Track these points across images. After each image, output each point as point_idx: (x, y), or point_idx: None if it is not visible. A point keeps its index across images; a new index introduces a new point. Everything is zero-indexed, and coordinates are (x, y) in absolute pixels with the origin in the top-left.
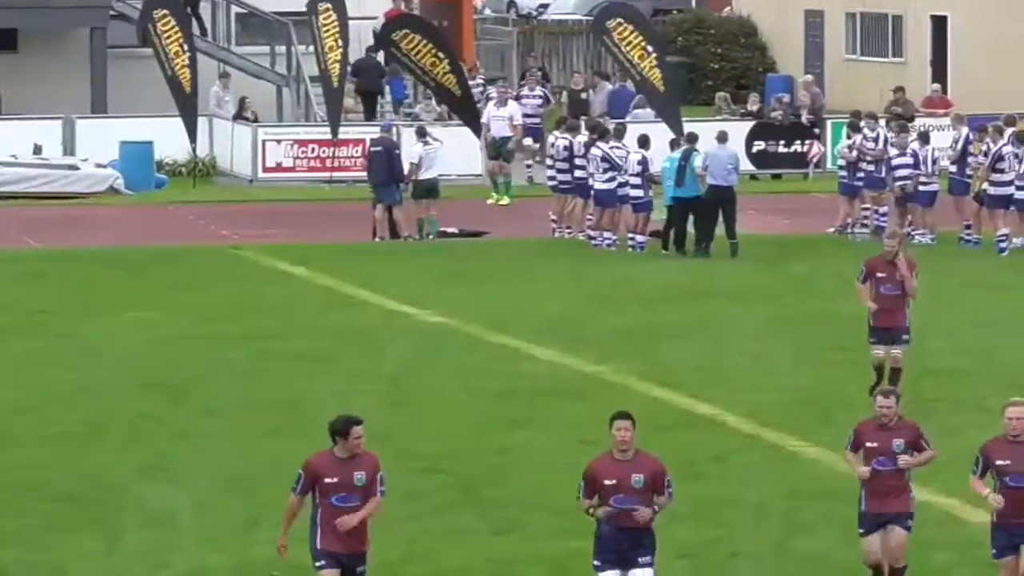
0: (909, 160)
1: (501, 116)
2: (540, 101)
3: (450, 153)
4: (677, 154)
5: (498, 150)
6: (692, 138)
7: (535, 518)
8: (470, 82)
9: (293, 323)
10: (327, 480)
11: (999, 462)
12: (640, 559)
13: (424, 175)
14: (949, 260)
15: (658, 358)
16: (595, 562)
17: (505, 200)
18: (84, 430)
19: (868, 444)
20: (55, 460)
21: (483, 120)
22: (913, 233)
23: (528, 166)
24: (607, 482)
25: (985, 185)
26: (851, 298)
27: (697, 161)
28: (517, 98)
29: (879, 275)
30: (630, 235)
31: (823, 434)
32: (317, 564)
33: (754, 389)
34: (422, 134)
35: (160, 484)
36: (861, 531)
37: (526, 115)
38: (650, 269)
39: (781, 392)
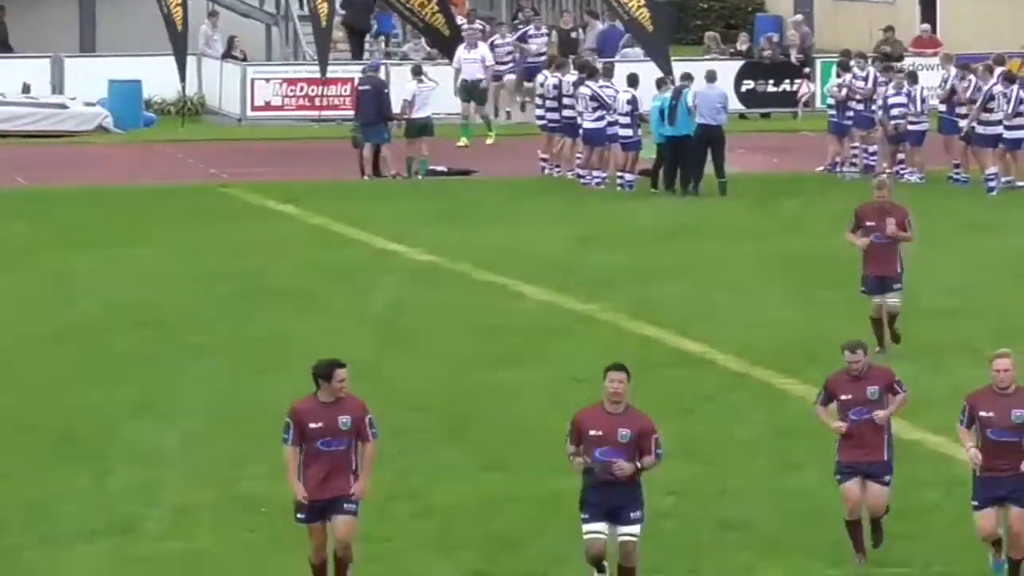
0: (904, 99)
1: (472, 59)
2: (545, 40)
3: (438, 93)
4: (668, 93)
5: (469, 93)
6: (686, 77)
7: (524, 456)
8: (469, 24)
9: (281, 261)
10: (312, 425)
11: (982, 414)
12: (630, 514)
13: (417, 114)
14: (938, 199)
15: (648, 296)
16: (583, 515)
17: (463, 141)
18: (72, 367)
19: (842, 397)
20: (43, 397)
21: (454, 65)
22: (902, 172)
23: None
24: (592, 433)
25: (974, 124)
26: (840, 237)
27: (688, 98)
28: (522, 39)
29: (868, 224)
30: (619, 174)
31: (812, 372)
32: (298, 517)
33: (744, 327)
34: (417, 72)
35: (148, 421)
36: (838, 478)
37: (536, 54)
38: (639, 208)
39: (770, 330)
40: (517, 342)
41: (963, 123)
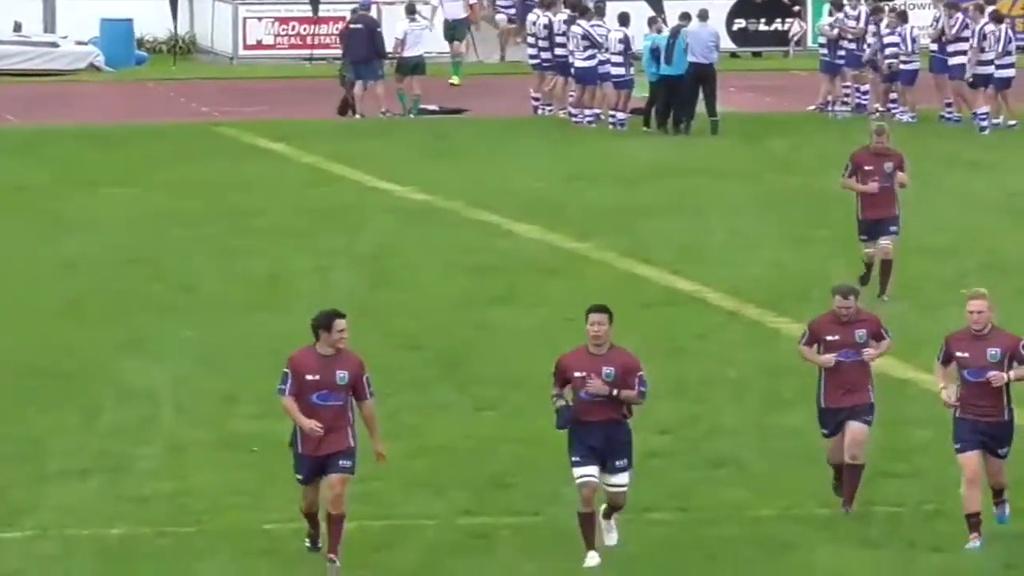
0: (897, 39)
1: None
2: None
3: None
4: (659, 33)
5: (452, 32)
6: (684, 17)
7: (516, 395)
8: None
9: (272, 200)
10: (308, 377)
11: (959, 354)
12: (616, 463)
13: (409, 52)
14: (930, 138)
15: (639, 235)
16: (573, 458)
17: (454, 80)
18: (63, 306)
19: (828, 338)
20: (34, 335)
21: (433, 2)
22: (894, 112)
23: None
24: (577, 374)
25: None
26: (832, 175)
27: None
28: None
29: (866, 168)
30: (611, 113)
31: (804, 311)
32: (298, 478)
33: (735, 266)
34: (411, 11)
35: (139, 360)
36: (825, 432)
37: None
38: (631, 146)
39: (762, 269)
40: (509, 281)
41: (952, 61)
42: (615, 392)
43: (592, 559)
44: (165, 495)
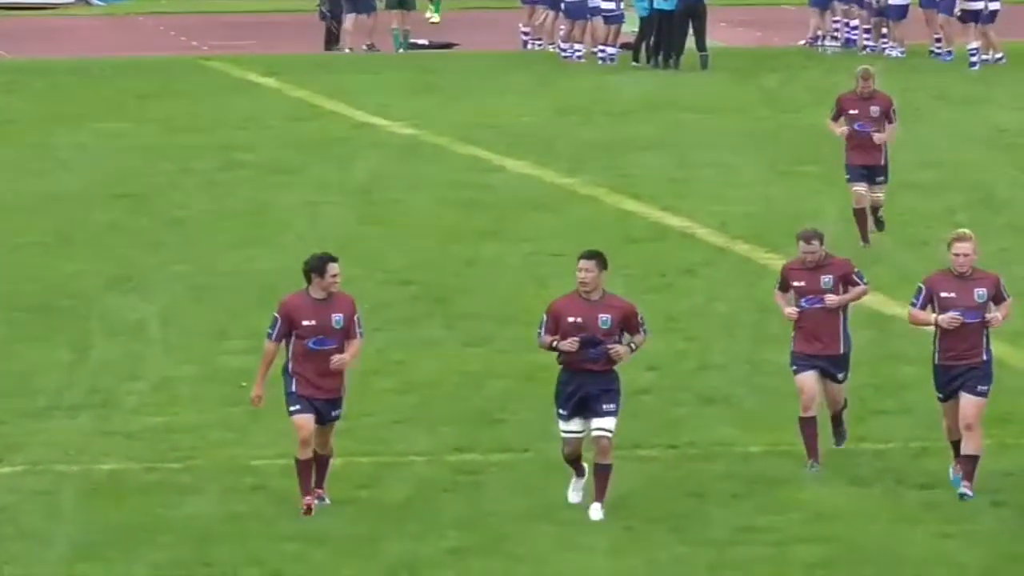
0: None
1: None
2: None
3: None
4: None
5: None
6: None
7: (505, 330)
8: None
9: (261, 134)
10: (304, 323)
11: (944, 294)
12: (602, 408)
13: None
14: (919, 73)
15: (628, 170)
16: (559, 410)
17: (433, 16)
18: (52, 239)
19: (795, 284)
20: (22, 269)
21: None
22: (884, 47)
23: None
24: (571, 319)
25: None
26: (821, 111)
27: None
28: None
29: (851, 112)
30: (601, 47)
31: (793, 247)
32: (291, 409)
33: (725, 202)
34: None
35: (128, 295)
36: (794, 368)
37: None
38: (620, 81)
39: (751, 205)
40: (498, 216)
41: None
42: (633, 347)
43: (576, 488)
44: (154, 431)
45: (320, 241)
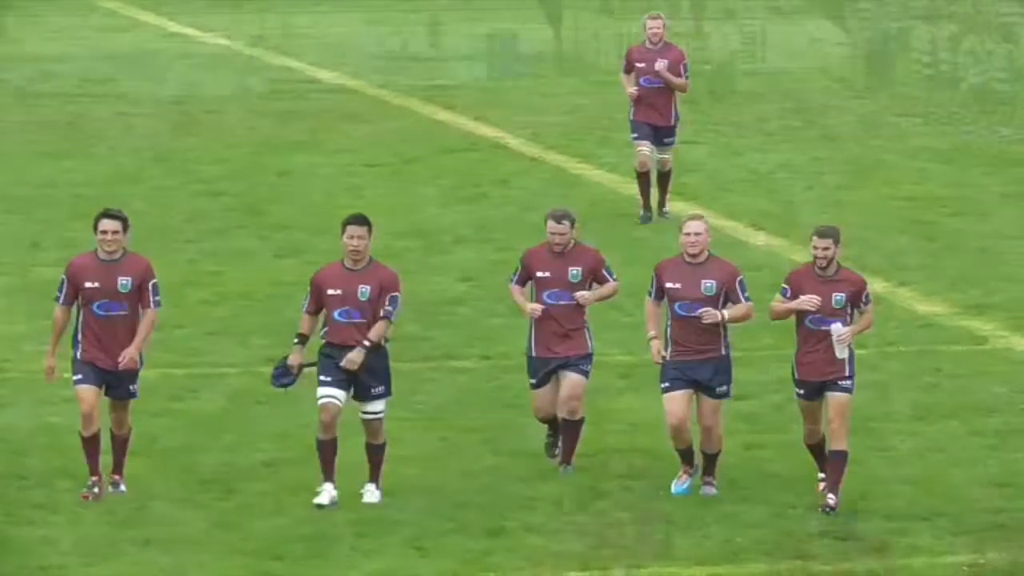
0: None
1: None
2: None
3: None
4: None
5: None
6: None
7: (318, 241)
8: None
9: (73, 46)
10: (88, 285)
11: (669, 285)
12: (372, 389)
13: None
14: None
15: (441, 79)
16: (321, 377)
17: None
18: None
19: (539, 274)
20: None
21: None
22: None
23: None
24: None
25: None
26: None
27: None
28: None
29: (639, 65)
30: None
31: (605, 156)
32: (75, 378)
33: (536, 112)
34: None
35: None
36: (533, 382)
37: None
38: None
39: (561, 115)
40: (311, 126)
41: None
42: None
43: (327, 493)
44: None
45: (133, 152)
